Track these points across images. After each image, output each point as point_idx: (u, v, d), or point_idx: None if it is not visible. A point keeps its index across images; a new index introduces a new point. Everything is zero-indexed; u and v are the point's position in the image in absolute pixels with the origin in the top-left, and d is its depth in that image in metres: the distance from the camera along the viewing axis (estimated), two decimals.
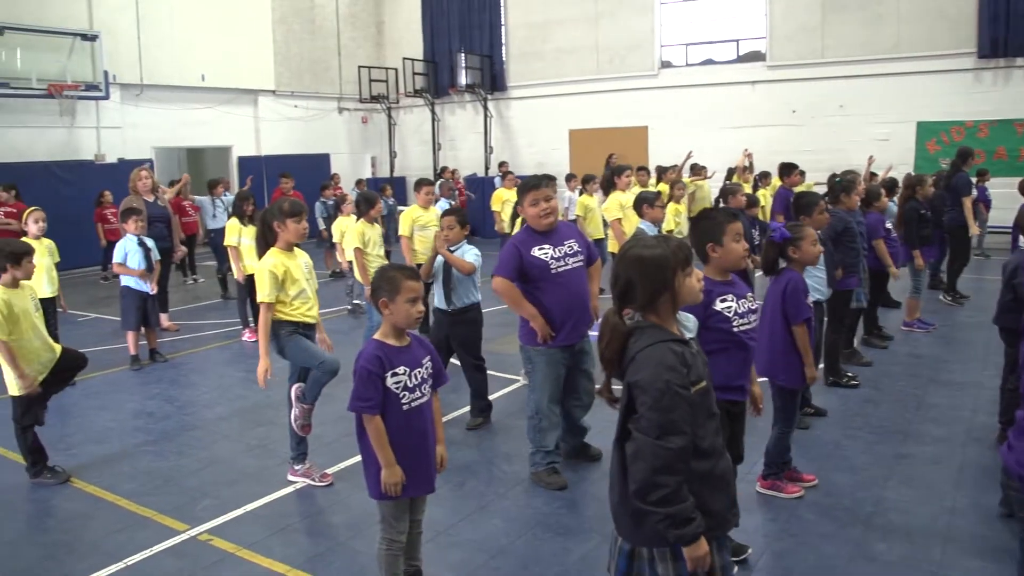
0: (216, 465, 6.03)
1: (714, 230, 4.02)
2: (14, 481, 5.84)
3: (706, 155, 16.73)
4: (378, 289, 3.66)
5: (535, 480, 5.47)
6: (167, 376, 8.59)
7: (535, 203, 5.22)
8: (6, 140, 16.59)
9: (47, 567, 4.56)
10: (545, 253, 5.18)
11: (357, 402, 3.56)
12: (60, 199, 15.83)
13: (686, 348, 2.74)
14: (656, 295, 2.74)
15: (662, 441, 2.57)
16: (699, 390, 2.69)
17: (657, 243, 2.82)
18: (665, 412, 2.58)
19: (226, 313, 11.87)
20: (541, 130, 22.09)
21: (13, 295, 5.62)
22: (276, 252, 5.33)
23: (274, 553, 4.60)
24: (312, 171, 20.58)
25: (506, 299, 5.26)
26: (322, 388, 5.41)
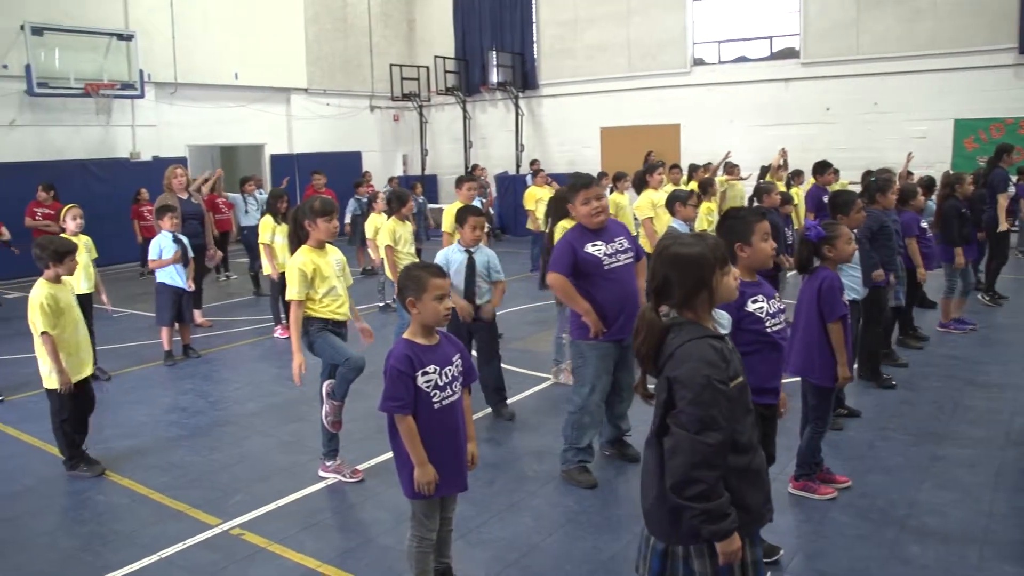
0: (248, 460, 6.09)
1: (743, 229, 3.99)
2: (51, 474, 5.94)
3: (738, 153, 16.62)
4: (405, 288, 3.68)
5: (565, 478, 5.47)
6: (200, 372, 8.68)
7: (587, 202, 5.26)
8: (44, 138, 16.87)
9: (83, 559, 4.63)
10: (598, 249, 5.23)
11: (388, 402, 3.57)
12: (96, 197, 16.07)
13: (724, 344, 2.74)
14: (694, 293, 2.75)
15: (701, 436, 2.57)
16: (737, 385, 2.70)
17: (696, 241, 2.82)
18: (705, 407, 2.58)
19: (258, 310, 11.97)
20: (572, 128, 22.06)
21: (57, 290, 5.78)
22: (306, 250, 5.37)
23: (305, 548, 4.64)
24: (344, 169, 20.73)
25: (561, 294, 5.32)
26: (350, 385, 5.44)
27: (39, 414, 7.22)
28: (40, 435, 6.70)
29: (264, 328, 10.67)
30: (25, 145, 16.58)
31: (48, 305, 5.66)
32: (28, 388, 8.07)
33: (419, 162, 24.54)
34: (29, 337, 5.84)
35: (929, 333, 8.98)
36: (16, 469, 6.08)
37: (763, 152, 17.25)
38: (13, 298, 13.65)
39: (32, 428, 6.91)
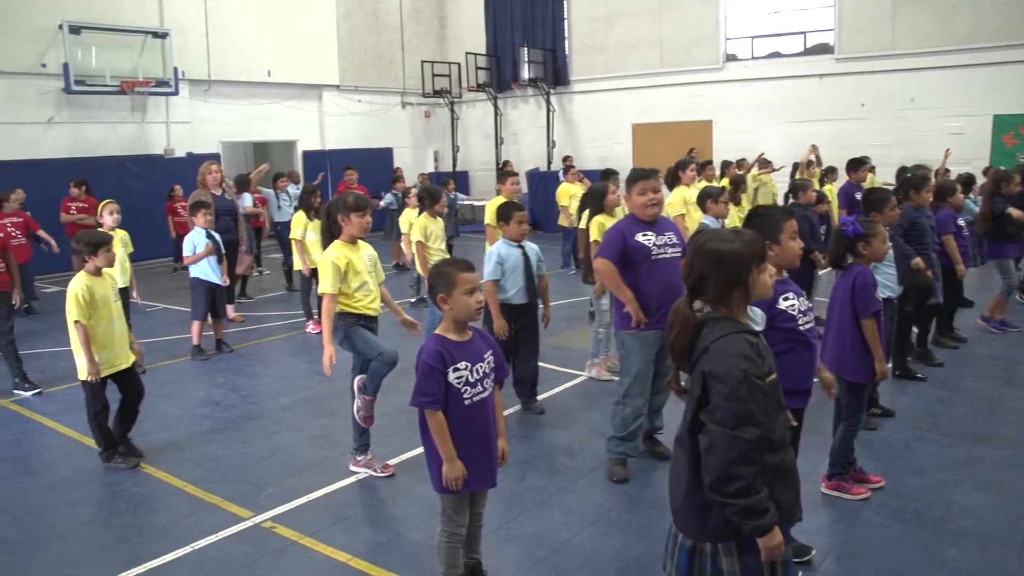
0: (280, 454, 6.14)
1: (771, 227, 3.96)
2: (88, 465, 6.03)
3: (771, 150, 16.48)
4: (435, 286, 3.70)
5: (607, 466, 5.54)
6: (233, 366, 8.77)
7: (643, 192, 5.33)
8: (81, 135, 17.12)
9: (119, 549, 4.70)
10: (648, 239, 5.28)
11: (419, 397, 3.59)
12: (131, 192, 16.26)
13: (759, 340, 2.74)
14: (730, 289, 2.74)
15: (738, 432, 2.55)
16: (771, 381, 2.69)
17: (733, 237, 2.81)
18: (742, 402, 2.56)
19: (291, 305, 12.06)
20: (604, 124, 22.00)
21: (95, 282, 5.88)
22: (339, 245, 5.40)
23: (336, 542, 4.67)
24: (375, 165, 20.82)
25: (606, 280, 5.37)
26: (382, 379, 5.47)
27: (76, 406, 7.32)
28: (77, 427, 6.80)
29: (296, 323, 10.75)
30: (62, 142, 16.85)
31: (83, 296, 5.77)
32: (65, 381, 8.19)
33: (450, 158, 24.59)
34: (66, 331, 5.94)
35: (968, 333, 8.85)
36: (54, 460, 6.18)
37: (796, 148, 17.06)
38: (50, 292, 13.85)
39: (70, 420, 7.02)
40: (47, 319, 11.45)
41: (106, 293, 5.93)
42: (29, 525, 5.07)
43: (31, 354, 9.27)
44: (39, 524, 5.08)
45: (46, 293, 13.64)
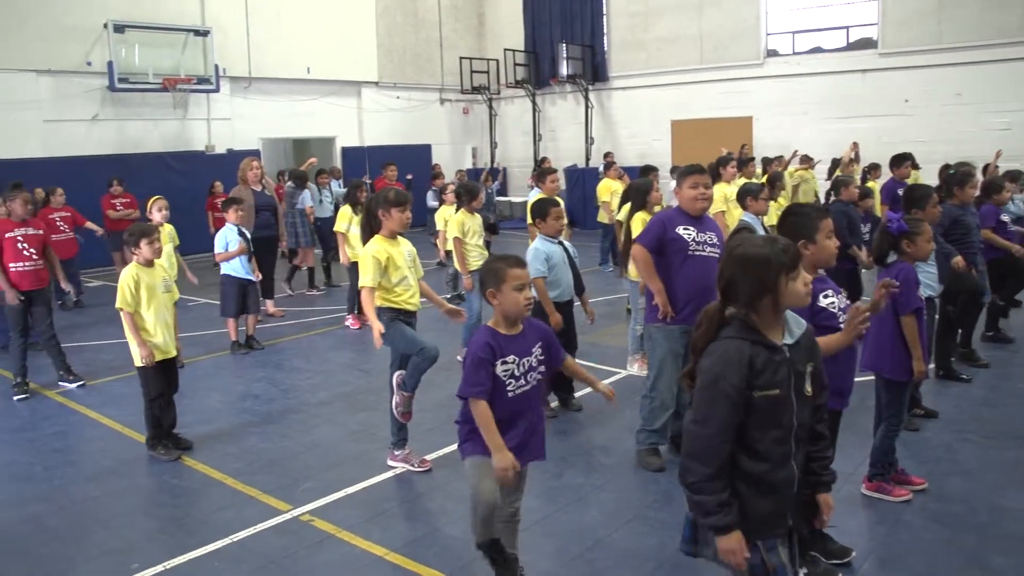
0: (318, 448, 6.20)
1: (806, 226, 3.89)
2: (130, 456, 6.15)
3: (812, 146, 16.31)
4: (485, 281, 3.75)
5: (637, 459, 5.59)
6: (272, 360, 8.86)
7: (695, 186, 5.34)
8: (124, 132, 17.40)
9: (161, 540, 4.78)
10: (688, 233, 5.29)
11: (468, 387, 3.64)
12: (172, 188, 16.37)
13: (764, 351, 2.70)
14: (757, 296, 2.73)
15: (696, 427, 2.70)
16: (765, 396, 2.67)
17: (764, 243, 2.79)
18: (707, 403, 2.68)
19: (330, 300, 12.16)
20: (642, 121, 21.89)
21: (145, 272, 6.01)
22: (380, 239, 5.44)
23: (372, 536, 4.71)
24: (414, 162, 20.87)
25: (641, 267, 5.39)
26: (422, 375, 5.50)
27: (120, 399, 7.49)
28: (121, 419, 6.93)
29: (335, 319, 10.84)
30: (106, 139, 17.14)
31: (130, 286, 5.92)
32: (109, 373, 8.34)
33: (488, 155, 24.62)
34: (111, 324, 6.08)
35: (1015, 333, 8.69)
36: (98, 451, 6.30)
37: (837, 145, 16.89)
38: (94, 286, 14.08)
39: (113, 412, 7.15)
40: (91, 313, 11.65)
41: (154, 283, 6.04)
42: (72, 514, 5.17)
43: (75, 347, 9.43)
44: (82, 513, 5.18)
45: (90, 287, 13.87)
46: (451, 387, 7.16)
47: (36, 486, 5.67)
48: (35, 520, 5.11)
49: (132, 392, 7.54)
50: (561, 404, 6.86)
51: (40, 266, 7.90)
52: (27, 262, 7.78)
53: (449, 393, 7.09)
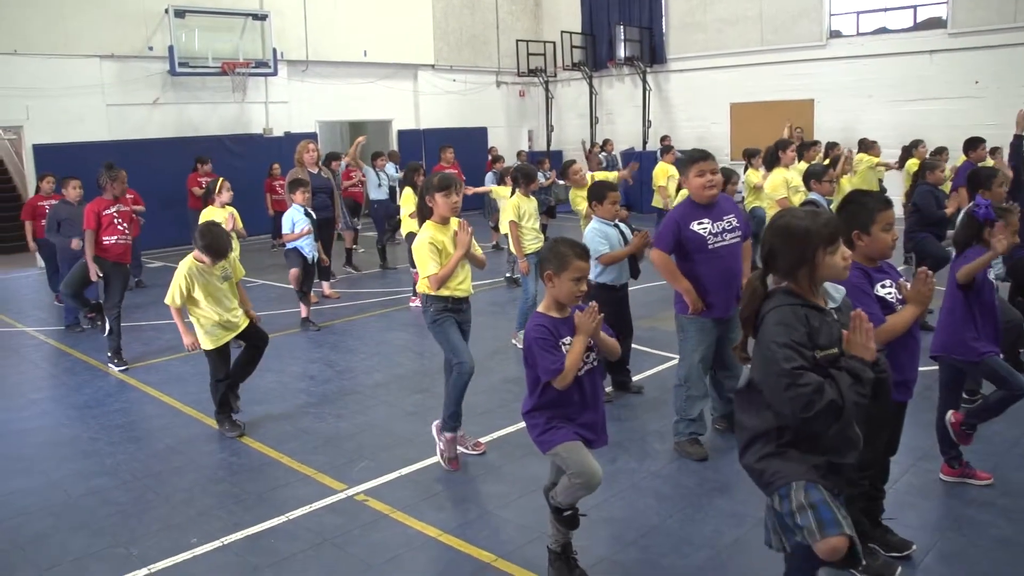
0: (372, 429, 6.27)
1: (862, 217, 3.76)
2: (189, 434, 6.29)
3: (876, 130, 16.00)
4: (546, 261, 3.78)
5: (676, 449, 5.56)
6: (328, 341, 8.97)
7: (701, 174, 5.27)
8: (185, 116, 17.68)
9: (219, 515, 4.89)
10: (704, 228, 5.26)
11: (549, 370, 3.67)
12: (232, 171, 16.58)
13: (814, 312, 2.83)
14: (795, 266, 2.87)
15: (790, 392, 2.72)
16: (827, 356, 2.79)
17: (806, 215, 2.91)
18: (787, 360, 2.73)
19: (386, 283, 12.26)
20: (701, 104, 21.63)
21: (200, 270, 6.09)
22: (431, 226, 5.42)
23: (426, 517, 4.75)
24: (470, 145, 20.90)
25: (663, 271, 5.39)
26: (460, 398, 5.44)
27: (180, 378, 7.66)
28: (181, 398, 7.09)
29: (388, 300, 10.94)
30: (167, 122, 17.43)
31: (181, 287, 6.02)
32: (168, 353, 8.54)
33: (545, 138, 24.56)
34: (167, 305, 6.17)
35: None
36: (158, 429, 6.45)
37: (902, 129, 16.54)
38: (154, 267, 14.38)
39: (173, 391, 7.32)
40: (151, 293, 11.89)
41: (210, 281, 6.11)
42: (135, 489, 5.31)
43: (135, 327, 9.66)
44: (144, 488, 5.32)
45: (150, 268, 14.17)
46: (504, 371, 7.29)
47: (100, 461, 5.82)
48: (99, 493, 5.26)
49: (191, 372, 7.73)
50: (619, 387, 6.84)
51: (128, 241, 8.46)
52: (121, 236, 8.31)
53: (502, 376, 7.18)
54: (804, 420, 2.73)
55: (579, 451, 3.79)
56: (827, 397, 2.69)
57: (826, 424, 2.74)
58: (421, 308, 5.68)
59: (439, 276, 5.26)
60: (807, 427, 2.78)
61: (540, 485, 4.24)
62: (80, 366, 8.35)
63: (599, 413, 3.91)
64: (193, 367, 7.84)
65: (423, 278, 5.37)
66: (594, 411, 3.87)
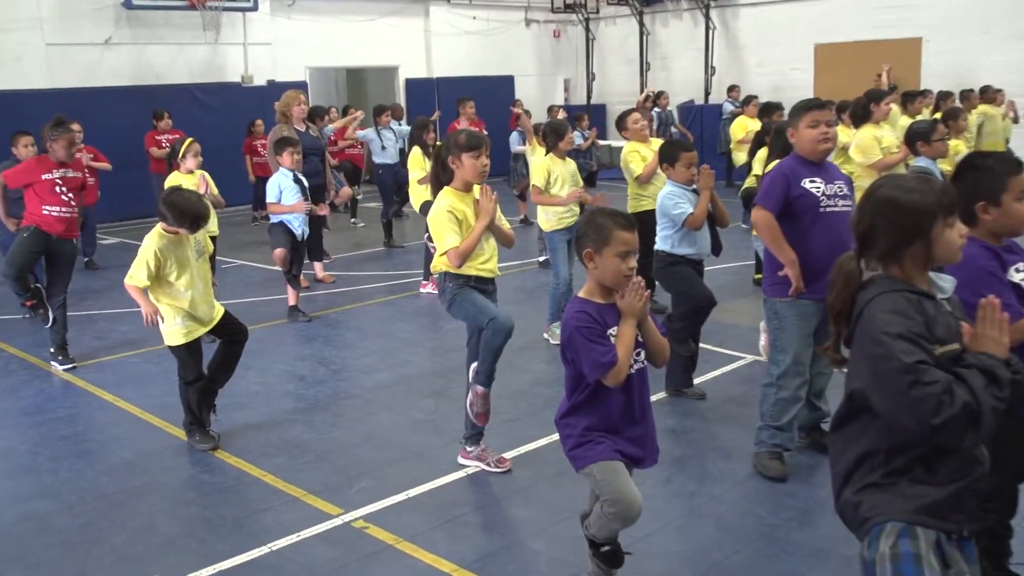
0: (375, 441, 6.28)
1: (989, 184, 3.65)
2: (151, 447, 6.32)
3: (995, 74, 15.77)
4: (584, 237, 3.75)
5: (754, 462, 5.55)
6: (321, 335, 9.02)
7: (815, 124, 5.29)
8: (143, 59, 17.74)
9: (186, 545, 4.91)
10: (816, 187, 5.26)
11: (595, 366, 3.66)
12: (202, 127, 16.68)
13: (927, 299, 2.75)
14: (902, 244, 2.79)
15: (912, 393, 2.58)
16: (947, 353, 2.68)
17: (916, 184, 2.83)
18: (907, 354, 2.60)
19: (391, 264, 12.30)
20: (777, 45, 21.41)
21: (172, 243, 6.09)
22: (450, 192, 5.42)
23: (439, 548, 4.75)
24: (493, 97, 20.84)
25: (765, 235, 5.35)
26: (497, 357, 5.48)
27: (139, 378, 7.72)
28: (140, 402, 7.14)
29: (394, 285, 10.99)
30: (122, 67, 17.47)
31: (149, 263, 5.98)
32: (126, 348, 8.61)
33: (584, 89, 24.48)
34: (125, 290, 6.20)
35: None
36: (113, 440, 6.49)
37: None
38: (108, 244, 14.49)
39: (131, 394, 7.37)
40: (105, 275, 11.99)
41: (184, 256, 6.13)
42: (83, 513, 5.34)
43: (87, 316, 9.74)
44: (94, 513, 5.34)
45: (104, 245, 14.25)
46: (534, 370, 7.29)
47: (40, 479, 5.86)
48: (38, 519, 5.29)
49: (155, 370, 7.80)
50: (673, 392, 6.85)
51: (74, 214, 8.33)
52: (64, 207, 8.17)
53: (533, 377, 7.17)
54: (933, 429, 2.60)
55: (617, 473, 3.79)
56: (960, 399, 2.56)
57: (960, 435, 2.61)
58: (437, 291, 5.68)
59: (461, 249, 5.25)
60: (938, 440, 2.65)
61: (578, 510, 4.24)
62: (16, 364, 8.44)
63: (648, 424, 3.91)
64: (156, 364, 7.90)
65: (440, 253, 5.35)
66: (642, 422, 3.88)
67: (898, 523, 2.74)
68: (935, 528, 2.73)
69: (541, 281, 10.81)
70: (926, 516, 2.73)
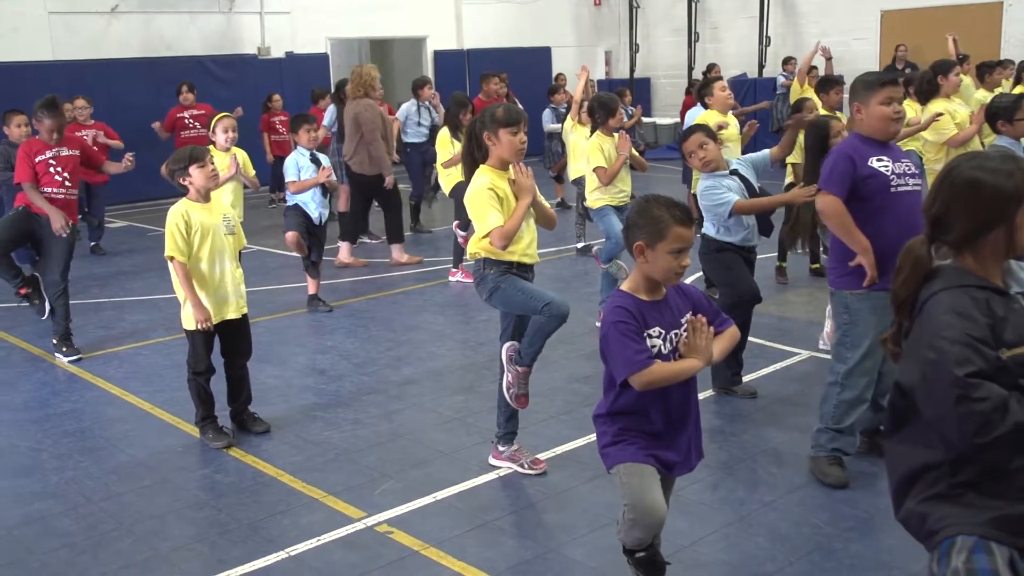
0: (400, 440, 6.32)
1: None
2: (161, 444, 6.39)
3: None
4: (635, 228, 3.72)
5: (811, 467, 5.52)
6: (343, 326, 9.07)
7: (888, 102, 5.22)
8: (153, 29, 17.86)
9: (197, 549, 4.96)
10: (885, 166, 5.20)
11: (627, 365, 3.65)
12: (216, 102, 16.64)
13: (997, 297, 2.68)
14: (980, 230, 2.73)
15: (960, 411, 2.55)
16: (1016, 356, 2.63)
17: (1001, 163, 2.76)
18: (960, 364, 2.56)
19: (418, 249, 12.29)
20: (839, 12, 21.24)
21: (197, 210, 6.14)
22: (487, 171, 5.42)
23: (468, 555, 4.77)
24: (528, 71, 20.83)
25: (834, 222, 5.27)
26: (546, 340, 5.48)
27: (148, 371, 7.80)
28: (149, 397, 7.21)
29: (421, 274, 11.05)
30: (130, 38, 17.61)
31: (179, 226, 6.03)
32: (134, 338, 8.70)
33: (627, 61, 24.40)
34: (134, 277, 6.30)
35: None
36: (120, 437, 6.56)
37: None
38: (116, 228, 14.60)
39: (140, 388, 7.45)
40: (112, 262, 12.02)
41: (212, 224, 6.18)
42: (89, 515, 5.40)
43: (92, 304, 9.83)
44: (101, 514, 5.40)
45: (111, 229, 14.35)
46: (572, 366, 7.30)
47: (43, 479, 5.93)
48: (41, 521, 5.35)
49: (163, 363, 7.88)
50: (721, 389, 6.85)
51: (72, 196, 8.35)
52: (59, 188, 8.18)
53: (570, 373, 7.18)
54: (976, 448, 2.60)
55: (642, 477, 3.80)
56: (1013, 418, 2.54)
57: (1008, 456, 2.62)
58: (472, 280, 5.68)
59: (506, 229, 5.23)
60: (984, 457, 2.65)
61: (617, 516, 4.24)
62: (18, 355, 8.55)
63: (688, 430, 3.91)
64: (167, 356, 7.98)
65: (480, 236, 5.34)
66: (681, 427, 3.87)
67: (970, 537, 2.70)
68: (1008, 544, 2.70)
69: (578, 269, 10.82)
70: (1000, 531, 2.69)
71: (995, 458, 2.64)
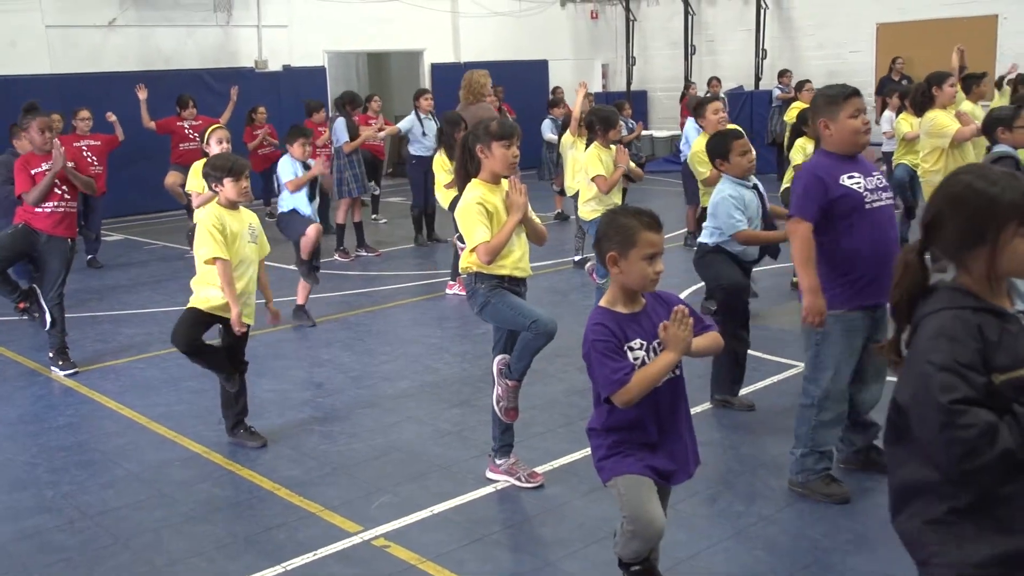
0: (397, 453, 6.31)
1: None
2: (157, 458, 6.37)
3: None
4: (605, 239, 3.75)
5: (806, 492, 5.43)
6: (339, 339, 9.07)
7: (856, 114, 5.18)
8: (151, 42, 17.89)
9: (194, 564, 4.95)
10: (857, 183, 5.15)
11: (609, 383, 3.66)
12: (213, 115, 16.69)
13: (992, 319, 2.64)
14: (969, 245, 2.69)
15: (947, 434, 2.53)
16: (1011, 380, 2.59)
17: (1001, 177, 2.71)
18: (944, 391, 2.53)
19: (417, 263, 12.34)
20: (836, 26, 21.31)
21: (228, 215, 6.29)
22: (480, 184, 5.43)
23: (465, 569, 4.77)
24: (526, 84, 20.85)
25: (796, 250, 5.22)
26: (534, 356, 5.49)
27: (146, 384, 7.79)
28: (146, 411, 7.20)
29: (419, 286, 11.05)
30: (128, 51, 17.64)
31: (216, 227, 6.15)
32: (131, 352, 8.68)
33: (624, 74, 24.44)
34: (131, 290, 6.31)
35: None
36: (116, 451, 6.55)
37: None
38: (113, 241, 14.58)
39: (136, 401, 7.43)
40: (109, 275, 11.97)
41: (239, 231, 6.30)
42: (84, 530, 5.39)
43: (88, 318, 9.82)
44: (97, 529, 5.39)
45: (108, 242, 14.28)
46: (569, 379, 7.29)
47: (39, 493, 5.91)
48: (37, 536, 5.34)
49: (160, 376, 7.87)
50: (719, 402, 6.83)
51: (72, 209, 8.33)
52: (57, 201, 8.13)
53: (567, 386, 7.18)
54: (962, 474, 2.57)
55: (640, 490, 3.80)
56: (1000, 446, 2.49)
57: (993, 482, 2.58)
58: (465, 293, 5.69)
59: (491, 245, 5.24)
60: (971, 485, 2.61)
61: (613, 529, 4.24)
62: (13, 368, 8.53)
63: (682, 438, 3.92)
64: (164, 371, 7.96)
65: (470, 249, 5.35)
66: (674, 434, 3.89)
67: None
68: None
69: (576, 282, 10.81)
70: (997, 569, 2.66)
71: (984, 484, 2.60)
